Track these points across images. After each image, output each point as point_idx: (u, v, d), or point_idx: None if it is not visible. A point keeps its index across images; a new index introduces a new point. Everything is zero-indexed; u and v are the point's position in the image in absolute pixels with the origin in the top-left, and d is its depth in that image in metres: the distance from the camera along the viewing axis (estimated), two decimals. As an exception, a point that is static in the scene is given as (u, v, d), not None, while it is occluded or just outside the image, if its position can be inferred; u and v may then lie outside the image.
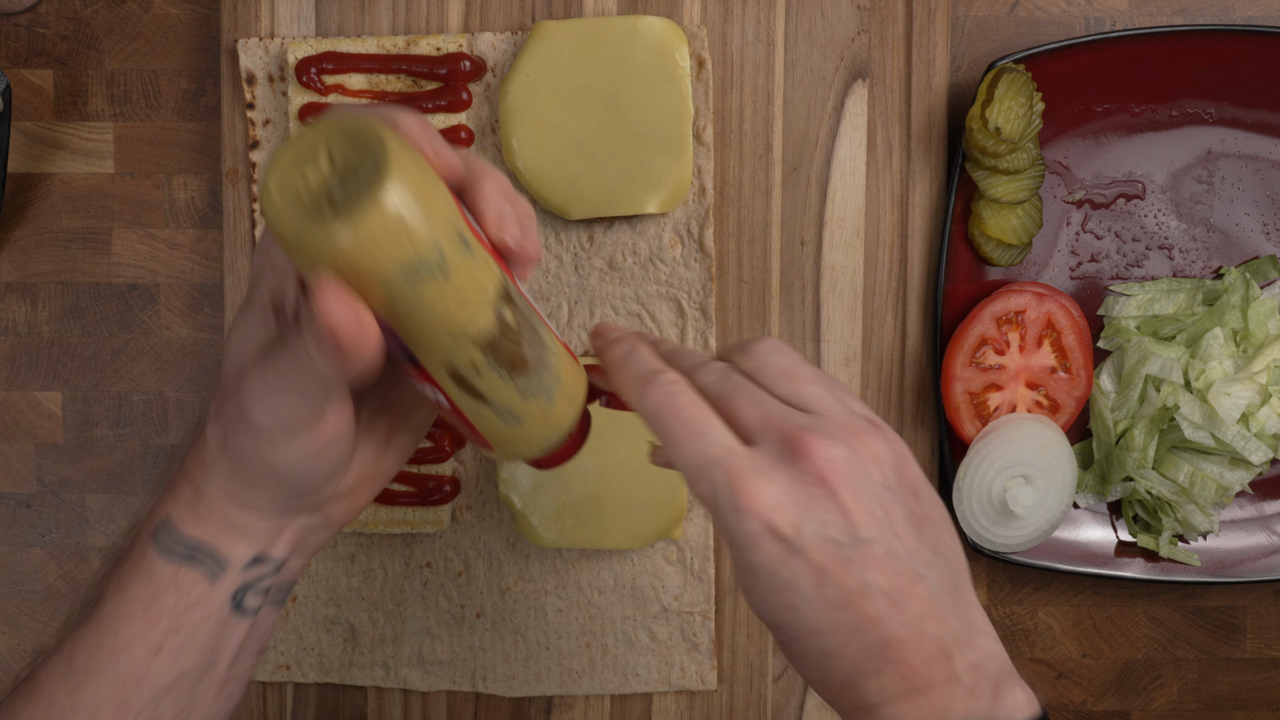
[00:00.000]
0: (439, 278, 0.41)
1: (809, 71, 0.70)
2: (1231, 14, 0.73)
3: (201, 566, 0.48)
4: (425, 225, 0.40)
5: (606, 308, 0.70)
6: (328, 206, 0.40)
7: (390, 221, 0.39)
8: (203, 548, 0.48)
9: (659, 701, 0.73)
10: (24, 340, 0.74)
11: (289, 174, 0.41)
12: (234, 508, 0.48)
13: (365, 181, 0.40)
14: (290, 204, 0.41)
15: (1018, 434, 0.68)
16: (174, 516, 0.48)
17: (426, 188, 0.41)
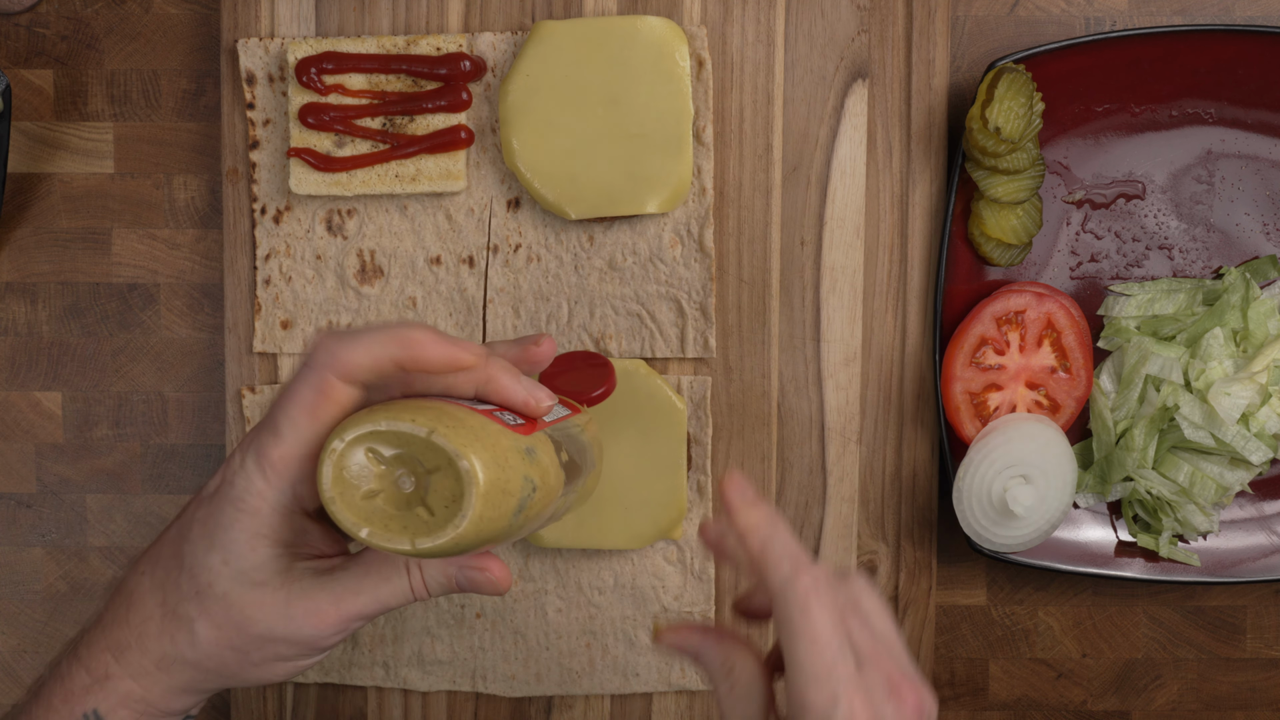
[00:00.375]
0: (534, 494, 0.47)
1: (809, 71, 0.70)
2: (1231, 14, 0.73)
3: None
4: (514, 478, 0.46)
5: (606, 308, 0.70)
6: (423, 512, 0.45)
7: (496, 501, 0.45)
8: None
9: (659, 701, 0.73)
10: (24, 340, 0.74)
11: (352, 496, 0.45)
12: (185, 699, 0.50)
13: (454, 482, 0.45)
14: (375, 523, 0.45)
15: (1018, 434, 0.68)
16: (104, 711, 0.48)
17: (495, 449, 0.46)
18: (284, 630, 0.48)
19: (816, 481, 0.71)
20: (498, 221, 0.70)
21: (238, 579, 0.47)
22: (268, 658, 0.49)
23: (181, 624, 0.48)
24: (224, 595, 0.47)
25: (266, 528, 0.47)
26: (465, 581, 0.49)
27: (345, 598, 0.48)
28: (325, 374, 0.47)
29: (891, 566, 0.72)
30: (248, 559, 0.47)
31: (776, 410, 0.71)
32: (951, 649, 0.75)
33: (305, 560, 0.49)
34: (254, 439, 0.48)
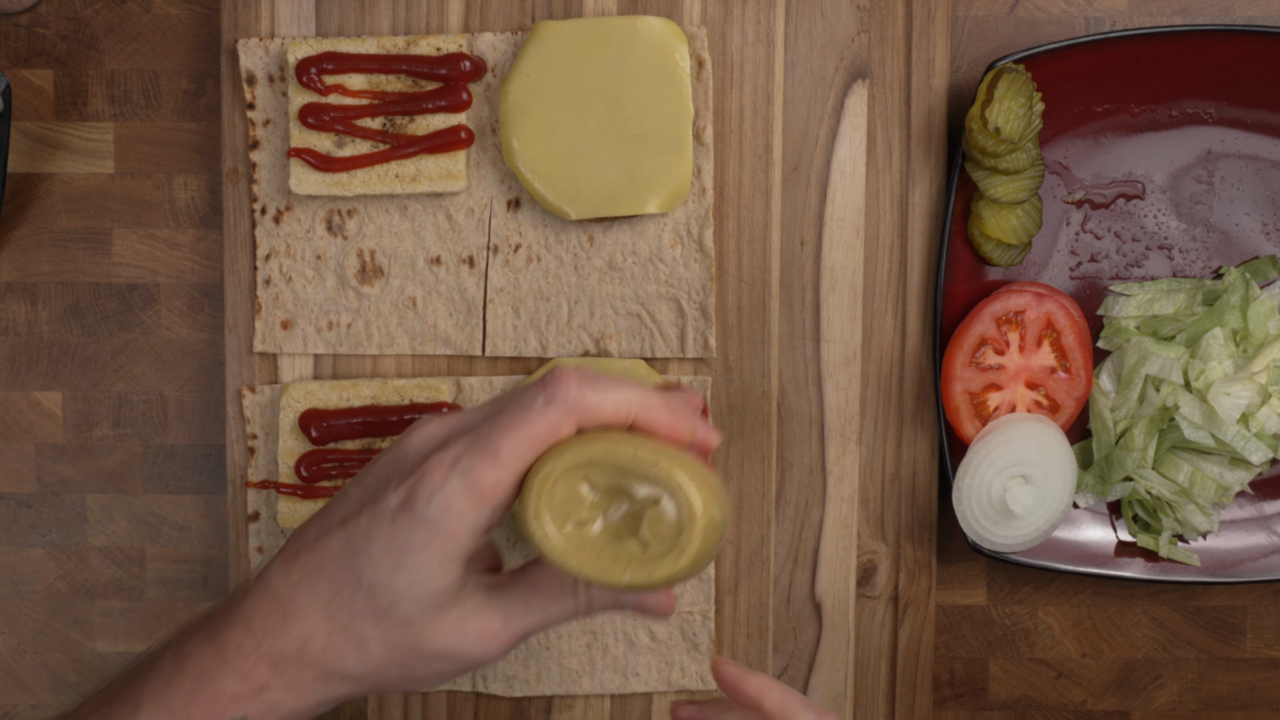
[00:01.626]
0: (726, 530, 0.49)
1: (809, 71, 0.70)
2: (1231, 14, 0.73)
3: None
4: (721, 510, 0.47)
5: (606, 308, 0.70)
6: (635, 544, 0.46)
7: (719, 535, 0.47)
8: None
9: (659, 701, 0.73)
10: (24, 340, 0.74)
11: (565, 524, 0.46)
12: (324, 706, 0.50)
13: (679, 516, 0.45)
14: (588, 553, 0.46)
15: (1018, 434, 0.68)
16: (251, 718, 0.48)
17: (708, 483, 0.47)
18: (456, 648, 0.48)
19: (816, 481, 0.71)
20: (498, 221, 0.70)
21: (422, 602, 0.47)
22: (431, 674, 0.49)
23: (353, 642, 0.47)
24: (405, 617, 0.47)
25: (460, 550, 0.47)
26: (633, 606, 0.50)
27: (515, 617, 0.48)
28: (569, 415, 0.47)
29: (891, 566, 0.72)
30: (438, 582, 0.47)
31: (776, 410, 0.71)
32: (951, 649, 0.75)
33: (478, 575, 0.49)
34: (460, 459, 0.47)
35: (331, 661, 0.48)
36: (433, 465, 0.47)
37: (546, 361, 0.71)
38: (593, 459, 0.45)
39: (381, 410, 0.70)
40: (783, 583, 0.72)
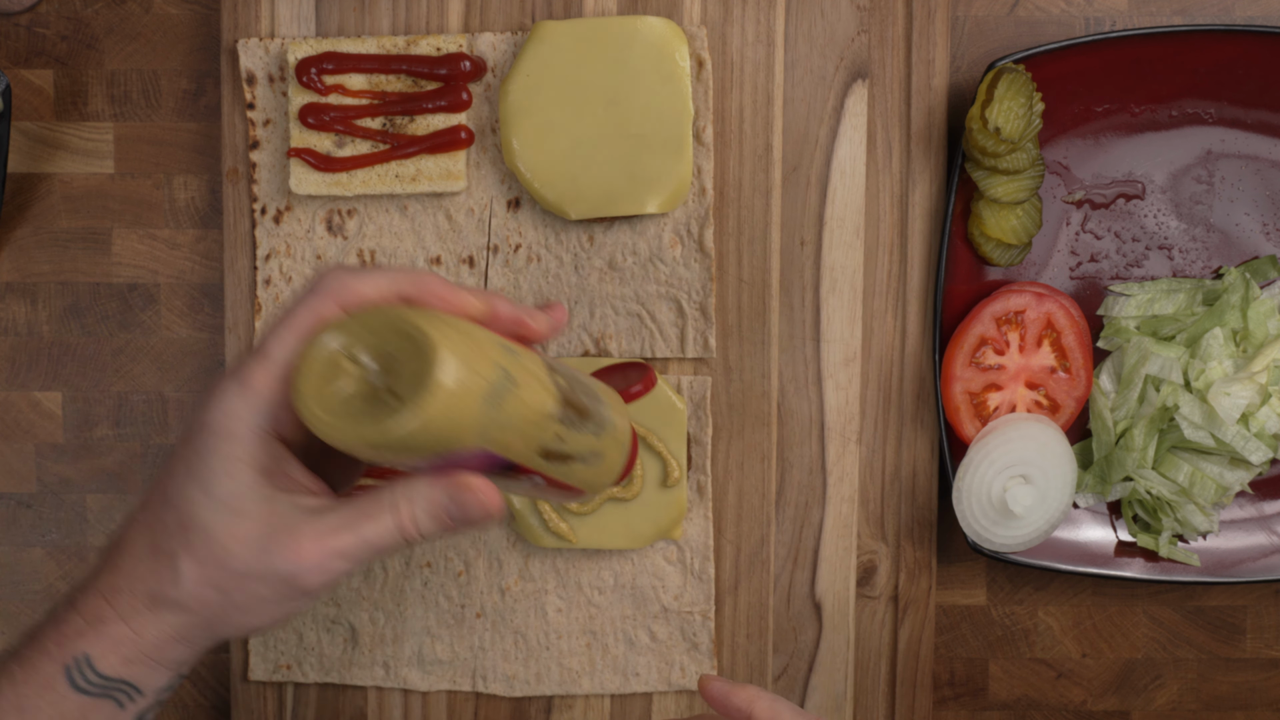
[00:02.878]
0: (512, 388, 0.46)
1: (809, 71, 0.70)
2: (1231, 14, 0.73)
3: (115, 699, 0.48)
4: (484, 361, 0.45)
5: (606, 308, 0.70)
6: (390, 399, 0.44)
7: (459, 374, 0.44)
8: (123, 683, 0.48)
9: (659, 701, 0.73)
10: (24, 340, 0.74)
11: (324, 393, 0.45)
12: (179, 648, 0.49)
13: (417, 359, 0.44)
14: (345, 417, 0.44)
15: (1018, 434, 0.68)
16: (95, 655, 0.48)
17: (464, 331, 0.45)
18: (261, 566, 0.46)
19: (816, 481, 0.71)
20: (498, 221, 0.70)
21: (218, 509, 0.46)
22: (250, 599, 0.47)
23: (166, 560, 0.47)
24: (205, 526, 0.46)
25: (244, 452, 0.46)
26: (453, 506, 0.47)
27: (328, 534, 0.47)
28: (329, 301, 0.47)
29: (891, 566, 0.72)
30: (225, 485, 0.46)
31: (776, 410, 0.71)
32: (951, 649, 0.75)
33: (290, 495, 0.48)
34: (239, 365, 0.48)
35: (152, 584, 0.48)
36: (217, 381, 0.48)
37: (546, 361, 0.71)
38: (348, 329, 0.45)
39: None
40: (783, 583, 0.72)
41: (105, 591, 0.48)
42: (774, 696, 0.53)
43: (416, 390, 0.43)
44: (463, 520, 0.48)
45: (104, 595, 0.48)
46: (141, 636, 0.48)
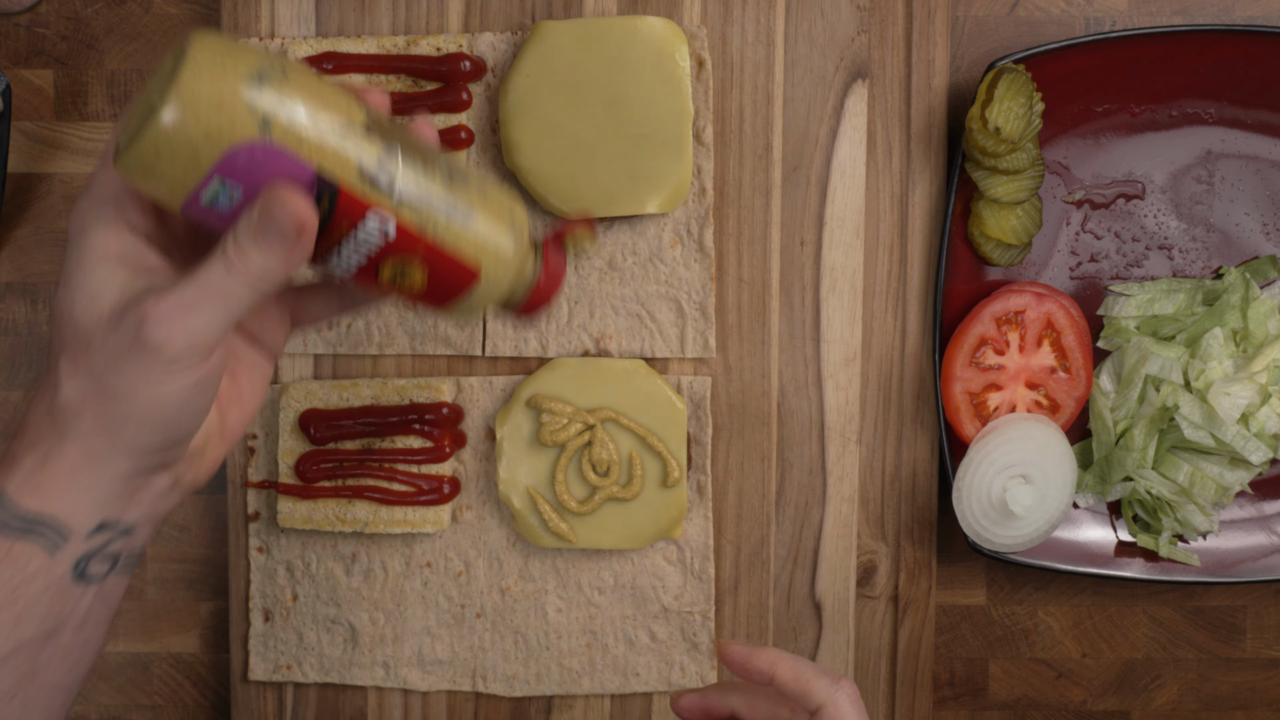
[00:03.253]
0: (282, 76, 0.44)
1: (809, 71, 0.70)
2: (1231, 14, 0.73)
3: (40, 539, 0.47)
4: (249, 53, 0.44)
5: (606, 308, 0.70)
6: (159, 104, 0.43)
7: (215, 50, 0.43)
8: (42, 520, 0.47)
9: (659, 701, 0.73)
10: (24, 340, 0.74)
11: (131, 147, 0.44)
12: (87, 470, 0.47)
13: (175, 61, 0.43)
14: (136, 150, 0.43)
15: (1018, 434, 0.68)
16: (8, 491, 0.47)
17: (228, 42, 0.44)
18: (117, 336, 0.45)
19: (816, 481, 0.71)
20: (498, 221, 0.70)
21: (79, 300, 0.46)
22: (122, 381, 0.46)
23: (51, 370, 0.47)
24: (72, 319, 0.46)
25: (96, 243, 0.47)
26: (261, 218, 0.45)
27: (169, 291, 0.45)
28: None
29: (891, 566, 0.72)
30: (86, 279, 0.46)
31: (776, 410, 0.71)
32: (951, 649, 0.75)
33: (148, 277, 0.47)
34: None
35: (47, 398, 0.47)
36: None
37: (546, 361, 0.71)
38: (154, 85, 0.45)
39: (381, 410, 0.70)
40: (783, 583, 0.72)
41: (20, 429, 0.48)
42: (795, 658, 0.53)
43: (173, 83, 0.42)
44: (279, 234, 0.45)
45: (19, 434, 0.48)
46: (48, 461, 0.47)
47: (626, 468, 0.69)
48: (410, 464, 0.70)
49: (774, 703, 0.55)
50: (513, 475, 0.69)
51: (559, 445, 0.69)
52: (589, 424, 0.69)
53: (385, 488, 0.70)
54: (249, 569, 0.72)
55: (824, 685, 0.52)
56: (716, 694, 0.56)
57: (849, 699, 0.52)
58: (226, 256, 0.45)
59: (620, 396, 0.69)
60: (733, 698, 0.55)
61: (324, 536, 0.72)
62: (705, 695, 0.56)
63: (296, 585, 0.72)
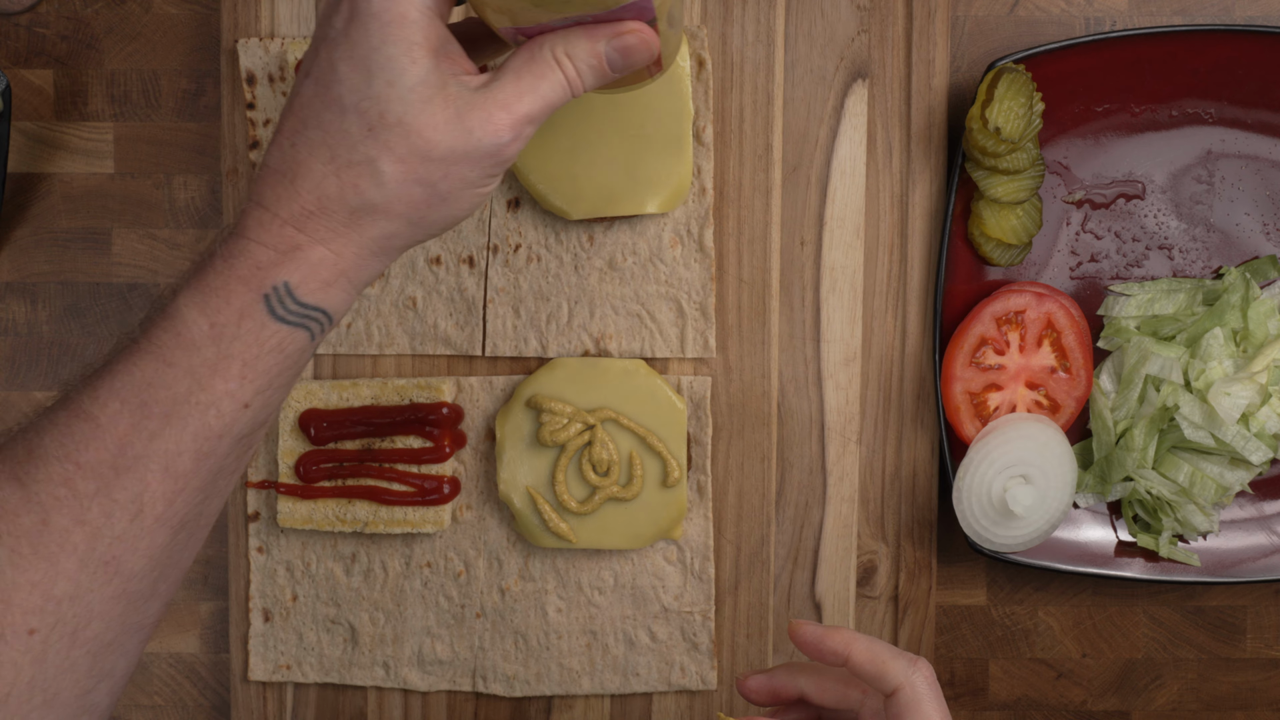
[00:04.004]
0: None
1: (809, 71, 0.70)
2: (1231, 14, 0.73)
3: (311, 328, 0.48)
4: None
5: (606, 308, 0.70)
6: None
7: None
8: (319, 311, 0.47)
9: (659, 701, 0.73)
10: (24, 340, 0.74)
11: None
12: (375, 261, 0.48)
13: None
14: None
15: (1018, 434, 0.68)
16: (294, 283, 0.46)
17: None
18: (465, 145, 0.46)
19: (816, 481, 0.71)
20: (498, 221, 0.70)
21: (406, 100, 0.45)
22: (454, 185, 0.47)
23: (363, 168, 0.46)
24: (399, 121, 0.46)
25: (419, 34, 0.45)
26: (615, 53, 0.48)
27: (512, 101, 0.47)
28: None
29: (891, 566, 0.72)
30: (411, 73, 0.45)
31: (776, 410, 0.71)
32: (951, 649, 0.75)
33: (458, 76, 0.47)
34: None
35: (351, 197, 0.46)
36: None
37: (546, 361, 0.71)
38: None
39: (381, 410, 0.70)
40: (783, 583, 0.72)
41: (294, 220, 0.47)
42: (870, 639, 0.51)
43: None
44: (627, 66, 0.48)
45: (293, 224, 0.47)
46: (341, 256, 0.47)
47: (626, 468, 0.69)
48: (410, 464, 0.70)
49: (844, 684, 0.53)
50: (513, 475, 0.69)
51: (559, 445, 0.69)
52: (589, 424, 0.69)
53: (385, 488, 0.70)
54: (249, 569, 0.72)
55: (901, 667, 0.50)
56: (785, 675, 0.54)
57: (926, 681, 0.50)
58: (567, 74, 0.47)
59: (620, 396, 0.69)
60: (801, 679, 0.53)
61: (324, 536, 0.72)
62: (773, 676, 0.54)
63: (296, 585, 0.72)
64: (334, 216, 0.47)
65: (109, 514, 0.45)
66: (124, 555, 0.46)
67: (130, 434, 0.45)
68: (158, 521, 0.46)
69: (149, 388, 0.46)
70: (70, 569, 0.45)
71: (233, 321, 0.46)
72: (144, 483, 0.45)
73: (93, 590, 0.45)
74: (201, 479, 0.47)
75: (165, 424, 0.45)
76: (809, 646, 0.52)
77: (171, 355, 0.46)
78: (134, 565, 0.46)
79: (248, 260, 0.46)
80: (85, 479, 0.45)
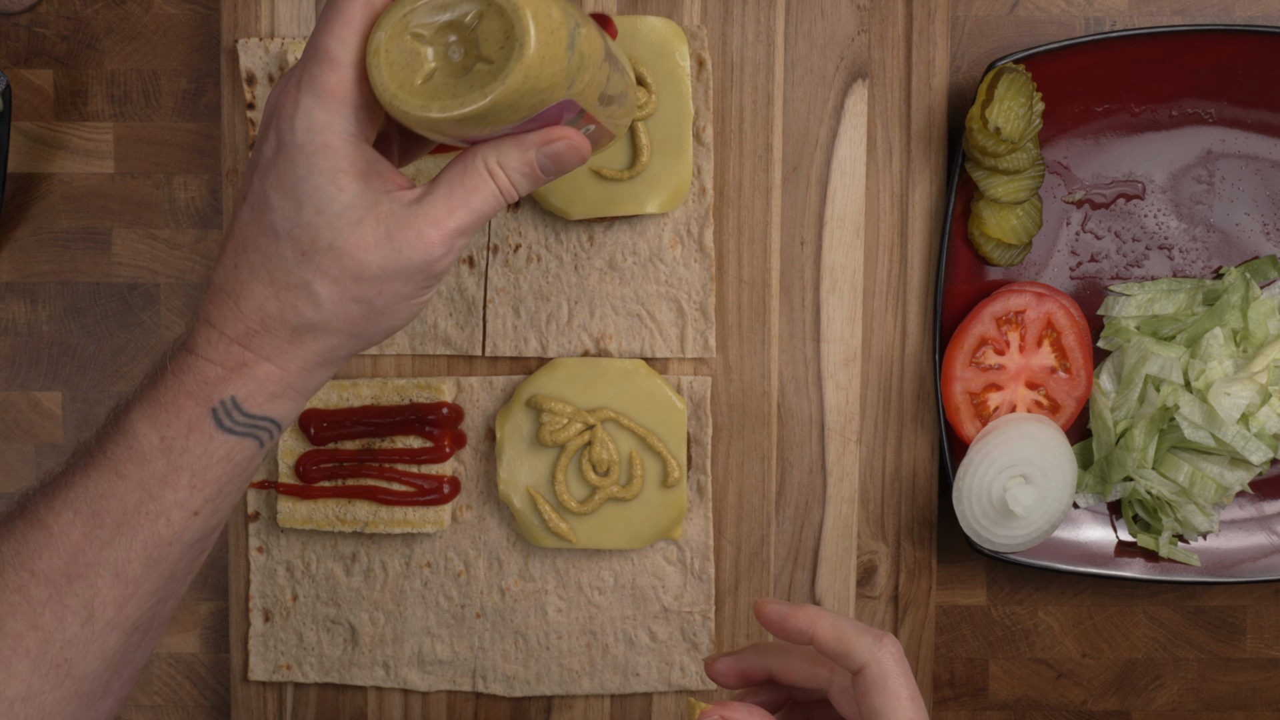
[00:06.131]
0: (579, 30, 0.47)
1: (809, 71, 0.70)
2: (1231, 14, 0.73)
3: (259, 436, 0.50)
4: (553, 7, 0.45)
5: (606, 308, 0.70)
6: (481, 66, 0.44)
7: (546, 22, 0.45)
8: (267, 420, 0.49)
9: (659, 701, 0.73)
10: (24, 340, 0.74)
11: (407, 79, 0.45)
12: (320, 373, 0.50)
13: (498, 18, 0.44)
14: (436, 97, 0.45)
15: (1018, 434, 0.68)
16: (241, 398, 0.48)
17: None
18: (396, 263, 0.47)
19: (816, 481, 0.71)
20: (498, 221, 0.70)
21: (335, 225, 0.47)
22: (389, 300, 0.49)
23: (300, 291, 0.48)
24: (330, 245, 0.47)
25: (344, 161, 0.47)
26: (547, 159, 0.49)
27: (443, 217, 0.48)
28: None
29: (891, 566, 0.72)
30: (338, 200, 0.47)
31: (776, 410, 0.71)
32: (951, 649, 0.75)
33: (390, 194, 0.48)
34: (301, 78, 0.47)
35: (291, 317, 0.48)
36: (282, 98, 0.47)
37: (546, 361, 0.71)
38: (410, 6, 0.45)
39: (381, 410, 0.70)
40: (783, 583, 0.72)
41: (239, 337, 0.49)
42: (836, 615, 0.51)
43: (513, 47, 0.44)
44: (559, 170, 0.49)
45: (239, 341, 0.49)
46: (286, 370, 0.49)
47: (626, 468, 0.69)
48: (410, 464, 0.70)
49: (812, 662, 0.52)
50: (513, 475, 0.69)
51: (559, 445, 0.69)
52: (589, 424, 0.69)
53: (385, 488, 0.70)
54: (249, 569, 0.72)
55: (866, 643, 0.49)
56: (752, 656, 0.53)
57: (893, 657, 0.49)
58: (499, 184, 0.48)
59: (620, 396, 0.69)
60: (769, 659, 0.53)
61: (324, 536, 0.72)
62: (740, 658, 0.53)
63: (296, 585, 0.72)
64: (277, 334, 0.49)
65: (61, 619, 0.47)
66: (76, 658, 0.48)
67: (83, 542, 0.48)
68: (109, 625, 0.48)
69: (101, 498, 0.48)
70: (23, 671, 0.47)
71: (181, 434, 0.48)
72: (95, 589, 0.48)
73: (45, 692, 0.47)
74: (152, 584, 0.49)
75: (117, 533, 0.48)
76: (774, 625, 0.51)
77: (123, 468, 0.48)
78: (86, 668, 0.48)
79: (196, 376, 0.48)
80: (39, 585, 0.47)
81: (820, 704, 0.54)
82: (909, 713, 0.48)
